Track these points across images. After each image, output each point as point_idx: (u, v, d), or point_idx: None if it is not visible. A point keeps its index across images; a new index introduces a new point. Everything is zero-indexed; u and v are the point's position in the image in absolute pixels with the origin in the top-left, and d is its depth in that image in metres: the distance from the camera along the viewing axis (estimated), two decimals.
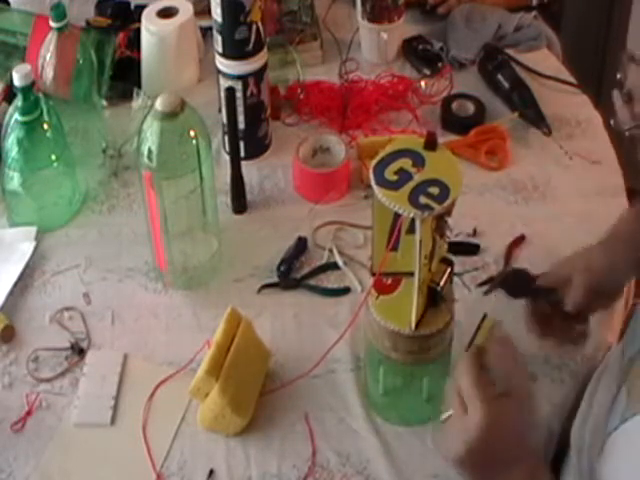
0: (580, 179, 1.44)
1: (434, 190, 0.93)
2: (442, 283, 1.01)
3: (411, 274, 0.99)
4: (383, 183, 0.94)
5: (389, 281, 1.04)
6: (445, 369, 1.10)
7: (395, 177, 0.95)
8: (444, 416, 0.94)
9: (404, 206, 0.92)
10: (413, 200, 0.92)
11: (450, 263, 1.02)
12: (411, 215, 0.92)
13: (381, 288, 1.04)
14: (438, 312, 1.03)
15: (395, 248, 1.00)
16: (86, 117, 1.49)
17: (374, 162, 0.97)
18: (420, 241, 0.94)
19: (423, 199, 0.92)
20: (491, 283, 1.28)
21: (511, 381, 0.93)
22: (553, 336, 1.18)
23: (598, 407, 1.02)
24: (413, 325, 1.01)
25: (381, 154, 0.97)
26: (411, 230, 0.98)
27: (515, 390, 0.92)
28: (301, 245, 1.34)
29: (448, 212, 0.94)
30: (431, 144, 0.97)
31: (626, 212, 1.23)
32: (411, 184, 0.94)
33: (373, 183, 0.95)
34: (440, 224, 0.95)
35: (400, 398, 1.14)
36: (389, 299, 1.04)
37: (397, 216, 0.96)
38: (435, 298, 1.01)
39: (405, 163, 0.96)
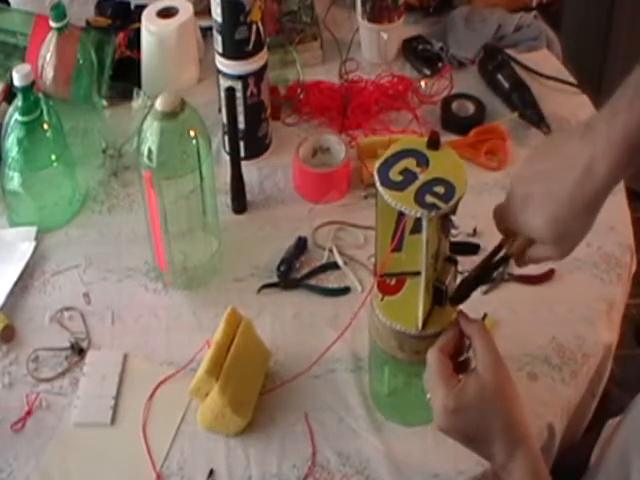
0: None
1: (440, 189, 0.93)
2: (447, 282, 1.01)
3: (415, 274, 0.99)
4: (388, 184, 0.94)
5: (393, 282, 1.05)
6: None
7: (400, 177, 0.95)
8: (428, 396, 1.00)
9: (411, 206, 0.92)
10: (419, 200, 0.92)
11: (455, 262, 1.02)
12: (418, 215, 0.92)
13: (385, 289, 1.04)
14: (443, 311, 1.03)
15: (399, 249, 1.00)
16: (86, 117, 1.48)
17: (378, 163, 0.96)
18: (427, 241, 0.94)
19: (429, 198, 0.93)
20: (491, 283, 1.28)
21: (478, 354, 0.98)
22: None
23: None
24: (420, 325, 1.01)
25: (384, 155, 0.97)
26: (415, 230, 0.98)
27: (480, 364, 0.98)
28: (301, 245, 1.34)
29: (453, 210, 0.95)
30: (434, 143, 0.97)
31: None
32: (417, 184, 0.94)
33: (378, 184, 0.95)
34: (445, 223, 0.96)
35: (404, 398, 1.14)
36: (394, 300, 1.04)
37: (400, 216, 0.96)
38: (441, 298, 1.02)
39: (409, 163, 0.96)
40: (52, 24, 1.43)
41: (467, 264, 1.29)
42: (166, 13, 1.57)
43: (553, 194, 0.95)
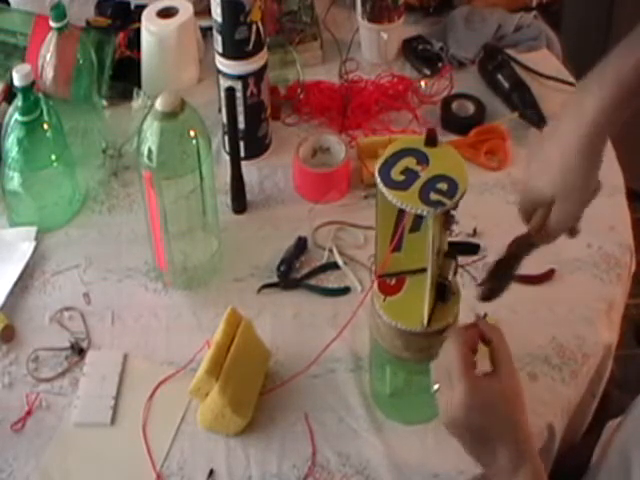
0: None
1: (442, 186, 0.94)
2: (450, 277, 1.01)
3: (415, 272, 0.99)
4: (391, 184, 0.94)
5: (393, 282, 1.05)
6: None
7: (402, 177, 0.95)
8: (434, 388, 0.98)
9: (416, 205, 0.92)
10: (424, 198, 0.93)
11: (454, 256, 1.03)
12: (424, 213, 0.92)
13: (386, 289, 1.04)
14: (446, 306, 1.03)
15: (398, 248, 1.00)
16: (86, 117, 1.48)
17: (378, 165, 0.96)
18: (432, 238, 0.94)
19: (434, 196, 0.93)
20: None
21: (500, 359, 0.98)
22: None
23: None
24: (425, 322, 1.02)
25: (384, 156, 0.97)
26: (414, 228, 0.98)
27: (502, 368, 0.97)
28: (301, 245, 1.34)
29: (454, 206, 0.95)
30: (432, 141, 0.98)
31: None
32: (419, 182, 0.94)
33: (381, 186, 0.95)
34: (447, 219, 0.96)
35: (407, 397, 1.15)
36: (396, 300, 1.04)
37: (400, 216, 0.96)
38: (444, 293, 1.02)
39: (409, 162, 0.96)
40: (52, 24, 1.42)
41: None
42: (166, 13, 1.57)
43: (549, 145, 0.99)
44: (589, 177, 0.99)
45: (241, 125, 1.42)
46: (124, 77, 1.56)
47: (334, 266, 1.33)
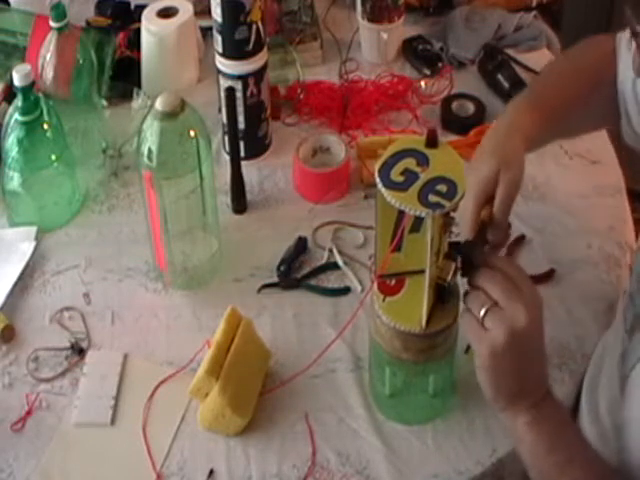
0: (580, 179, 1.44)
1: (442, 187, 0.94)
2: (449, 279, 1.01)
3: (415, 273, 0.99)
4: (390, 185, 0.94)
5: (393, 282, 1.05)
6: (451, 363, 1.11)
7: (401, 178, 0.95)
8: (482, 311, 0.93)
9: (415, 206, 0.92)
10: (423, 199, 0.93)
11: (454, 258, 1.03)
12: (423, 214, 0.92)
13: (386, 290, 1.04)
14: (446, 308, 1.03)
15: (398, 249, 1.00)
16: (86, 117, 1.48)
17: (378, 165, 0.96)
18: (431, 239, 0.94)
19: (432, 197, 0.93)
20: None
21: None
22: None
23: (609, 364, 1.07)
24: (424, 323, 1.02)
25: (384, 156, 0.97)
26: (413, 229, 0.98)
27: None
28: (301, 245, 1.34)
29: (454, 208, 0.95)
30: (432, 141, 0.97)
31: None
32: (419, 183, 0.94)
33: (380, 186, 0.94)
34: (447, 220, 0.96)
35: (407, 397, 1.15)
36: (396, 300, 1.04)
37: (400, 217, 0.96)
38: (444, 295, 1.02)
39: (409, 163, 0.96)
40: (52, 24, 1.42)
41: None
42: (166, 13, 1.57)
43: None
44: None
45: (241, 125, 1.42)
46: (124, 77, 1.56)
47: (334, 266, 1.33)
